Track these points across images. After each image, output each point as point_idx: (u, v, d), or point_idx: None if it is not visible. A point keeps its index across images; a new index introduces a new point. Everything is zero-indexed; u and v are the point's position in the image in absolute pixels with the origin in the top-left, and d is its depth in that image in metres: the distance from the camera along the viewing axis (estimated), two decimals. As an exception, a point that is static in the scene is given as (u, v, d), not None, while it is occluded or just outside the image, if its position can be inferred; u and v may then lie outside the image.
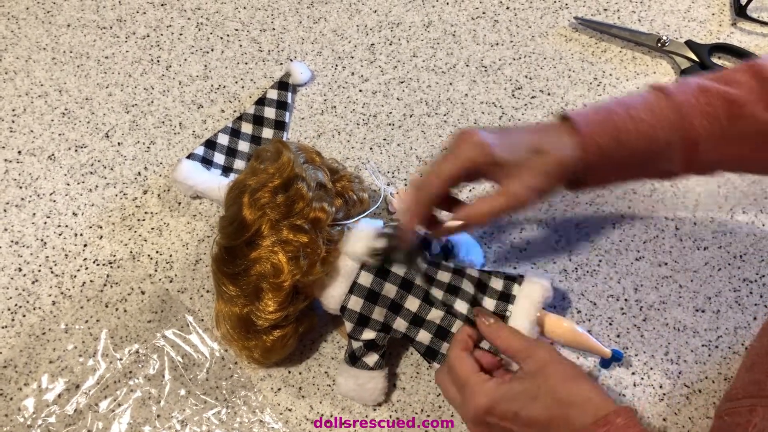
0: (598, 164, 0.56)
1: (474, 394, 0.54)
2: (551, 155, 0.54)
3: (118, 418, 0.64)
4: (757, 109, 0.55)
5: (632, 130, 0.55)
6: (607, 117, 0.55)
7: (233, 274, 0.60)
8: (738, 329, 0.68)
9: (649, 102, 0.56)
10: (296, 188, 0.60)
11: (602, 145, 0.55)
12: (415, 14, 0.87)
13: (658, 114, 0.55)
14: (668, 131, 0.55)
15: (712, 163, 0.58)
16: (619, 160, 0.56)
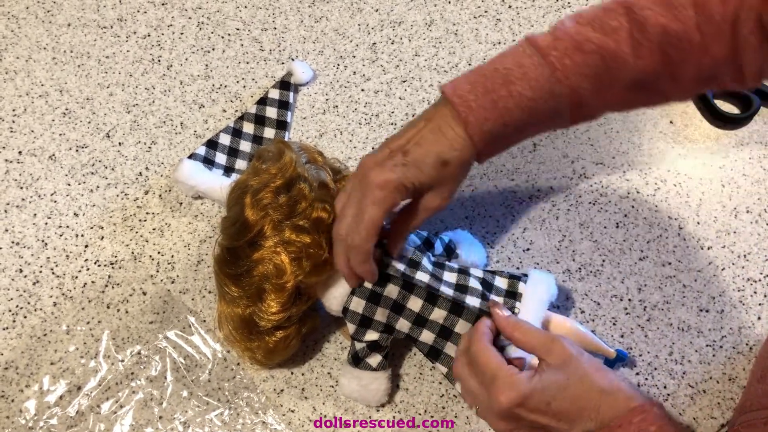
0: (488, 146, 0.57)
1: (504, 386, 0.53)
2: (455, 162, 0.56)
3: (120, 419, 0.64)
4: (630, 57, 0.55)
5: (515, 109, 0.55)
6: (491, 100, 0.55)
7: (236, 275, 0.60)
8: (742, 329, 0.67)
9: (528, 72, 0.55)
10: (298, 188, 0.60)
11: (490, 130, 0.55)
12: (416, 13, 0.87)
13: (538, 88, 0.55)
14: (552, 101, 0.55)
15: (596, 112, 0.59)
16: (507, 137, 0.57)
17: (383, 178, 0.54)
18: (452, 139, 0.55)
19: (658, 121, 0.79)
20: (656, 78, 0.56)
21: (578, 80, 0.55)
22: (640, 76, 0.56)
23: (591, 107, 0.57)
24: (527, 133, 0.58)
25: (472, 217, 0.73)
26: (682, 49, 0.54)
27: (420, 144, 0.56)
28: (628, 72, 0.55)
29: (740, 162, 0.77)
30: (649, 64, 0.55)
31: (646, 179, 0.75)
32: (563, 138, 0.78)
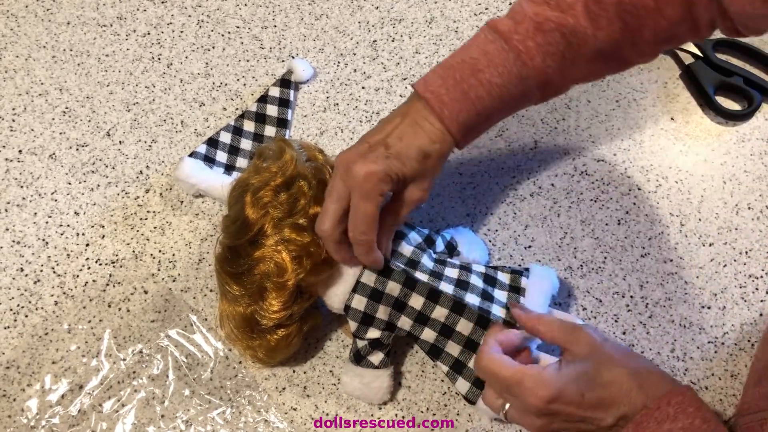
0: (466, 135, 0.58)
1: (535, 386, 0.52)
2: (436, 155, 0.58)
3: (122, 418, 0.63)
4: (590, 30, 0.56)
5: (486, 96, 0.57)
6: (462, 92, 0.56)
7: (237, 274, 0.60)
8: (744, 325, 0.67)
9: (493, 59, 0.56)
10: (298, 186, 0.60)
11: (464, 121, 0.57)
12: (417, 10, 0.87)
13: (506, 74, 0.56)
14: (520, 84, 0.57)
15: (564, 87, 0.61)
16: (482, 124, 0.59)
17: (368, 170, 0.55)
18: (431, 132, 0.57)
19: (659, 118, 0.79)
20: (617, 47, 0.57)
21: (543, 60, 0.56)
22: (601, 46, 0.57)
23: (558, 84, 0.59)
24: (501, 117, 0.60)
25: (473, 214, 0.73)
26: (638, 15, 0.56)
27: (401, 138, 0.57)
28: (589, 45, 0.57)
29: (741, 158, 0.76)
30: (608, 34, 0.56)
31: (647, 176, 0.75)
32: (564, 135, 0.78)
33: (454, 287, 0.60)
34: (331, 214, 0.57)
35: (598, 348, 0.54)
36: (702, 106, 0.80)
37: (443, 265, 0.62)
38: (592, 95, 0.80)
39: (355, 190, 0.56)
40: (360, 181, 0.55)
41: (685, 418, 0.50)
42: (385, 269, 0.60)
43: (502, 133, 0.78)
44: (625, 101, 0.80)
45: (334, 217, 0.57)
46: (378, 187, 0.55)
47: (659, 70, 0.82)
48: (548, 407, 0.52)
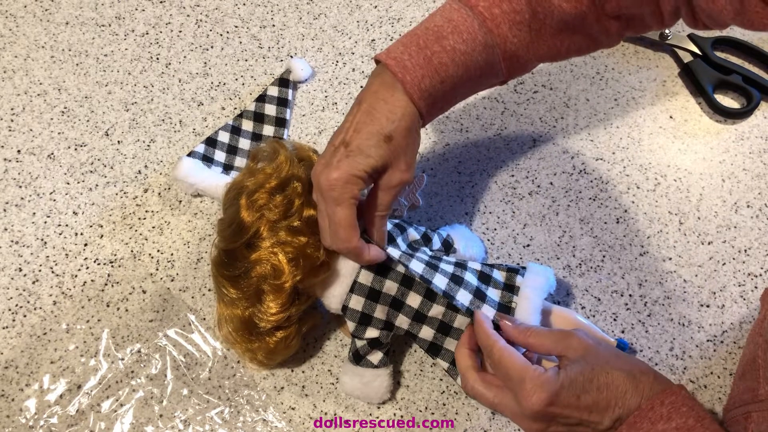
0: (429, 105, 0.56)
1: (534, 388, 0.52)
2: (399, 133, 0.55)
3: (120, 418, 0.63)
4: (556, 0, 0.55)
5: (450, 63, 0.55)
6: (425, 57, 0.55)
7: (233, 277, 0.60)
8: (743, 324, 0.67)
9: (458, 24, 0.55)
10: (293, 187, 0.59)
11: (427, 89, 0.55)
12: (415, 9, 0.87)
13: (471, 40, 0.55)
14: (485, 53, 0.55)
15: (530, 63, 0.59)
16: (446, 95, 0.57)
17: (331, 179, 0.54)
18: (388, 112, 0.54)
19: (658, 116, 0.79)
20: (582, 18, 0.56)
21: (508, 29, 0.55)
22: (566, 18, 0.56)
23: (523, 57, 0.58)
24: (465, 89, 0.58)
25: (471, 213, 0.73)
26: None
27: (358, 129, 0.55)
28: (555, 15, 0.56)
29: (740, 156, 0.76)
30: (574, 6, 0.55)
31: (646, 174, 0.75)
32: (563, 134, 0.78)
33: (447, 283, 0.60)
34: (324, 230, 0.57)
35: (592, 351, 0.54)
36: (701, 104, 0.80)
37: (438, 262, 0.62)
38: (590, 94, 0.80)
39: (326, 200, 0.55)
40: (326, 190, 0.54)
41: (678, 417, 0.50)
42: (382, 268, 0.60)
43: (501, 132, 0.78)
44: (623, 99, 0.80)
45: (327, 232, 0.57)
46: (345, 192, 0.54)
47: (658, 68, 0.82)
48: (546, 410, 0.52)
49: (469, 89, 0.59)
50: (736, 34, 0.84)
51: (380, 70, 0.56)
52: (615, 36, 0.60)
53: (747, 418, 0.56)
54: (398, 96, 0.54)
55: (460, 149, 0.77)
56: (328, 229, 0.56)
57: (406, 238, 0.63)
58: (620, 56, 0.82)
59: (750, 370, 0.59)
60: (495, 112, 0.79)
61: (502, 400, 0.55)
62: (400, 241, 0.62)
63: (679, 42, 0.82)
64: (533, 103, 0.80)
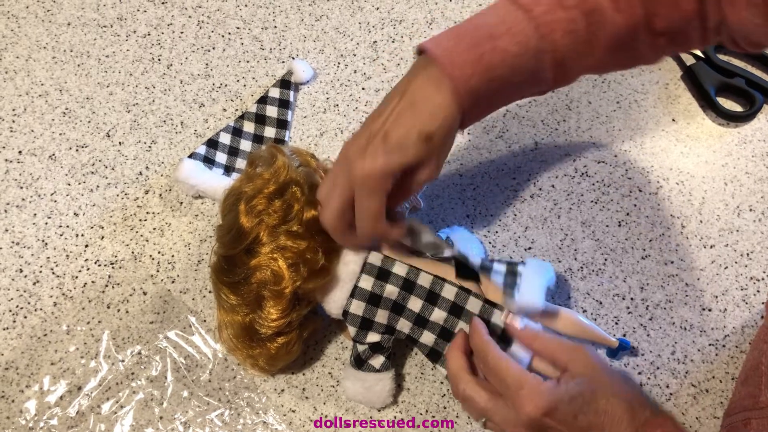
0: (473, 107, 0.54)
1: (532, 395, 0.51)
2: (440, 134, 0.53)
3: (120, 420, 0.63)
4: (610, 11, 0.54)
5: (500, 63, 0.53)
6: (476, 54, 0.53)
7: (233, 283, 0.60)
8: (745, 328, 0.67)
9: (511, 26, 0.53)
10: (291, 192, 0.59)
11: (476, 88, 0.53)
12: (417, 11, 0.87)
13: (523, 42, 0.53)
14: (535, 58, 0.54)
15: (575, 74, 0.58)
16: (491, 96, 0.55)
17: (367, 170, 0.52)
18: (432, 109, 0.52)
19: (660, 119, 0.79)
20: (634, 33, 0.55)
21: (561, 36, 0.53)
22: (618, 31, 0.54)
23: (571, 68, 0.56)
24: (509, 94, 0.56)
25: (473, 215, 0.73)
26: (655, 2, 0.54)
27: (398, 122, 0.53)
28: (607, 28, 0.54)
29: (743, 160, 0.76)
30: (627, 18, 0.54)
31: (648, 177, 0.75)
32: (565, 136, 0.77)
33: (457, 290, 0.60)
34: (334, 209, 0.56)
35: (597, 372, 0.54)
36: (703, 107, 0.80)
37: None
38: (593, 96, 0.80)
39: (357, 189, 0.54)
40: (361, 181, 0.53)
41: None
42: (383, 272, 0.60)
43: (503, 135, 0.78)
44: (626, 102, 0.80)
45: (338, 211, 0.56)
46: (380, 185, 0.53)
47: (660, 71, 0.82)
48: (541, 420, 0.51)
49: (511, 95, 0.57)
50: (739, 36, 0.83)
51: (426, 62, 0.53)
52: (659, 52, 0.59)
53: (747, 424, 0.56)
54: (444, 94, 0.52)
55: (461, 151, 0.77)
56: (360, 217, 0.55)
57: None
58: (623, 59, 0.82)
59: (752, 376, 0.59)
60: (497, 114, 0.79)
61: (495, 406, 0.54)
62: None
63: (682, 45, 0.82)
64: (535, 106, 0.79)
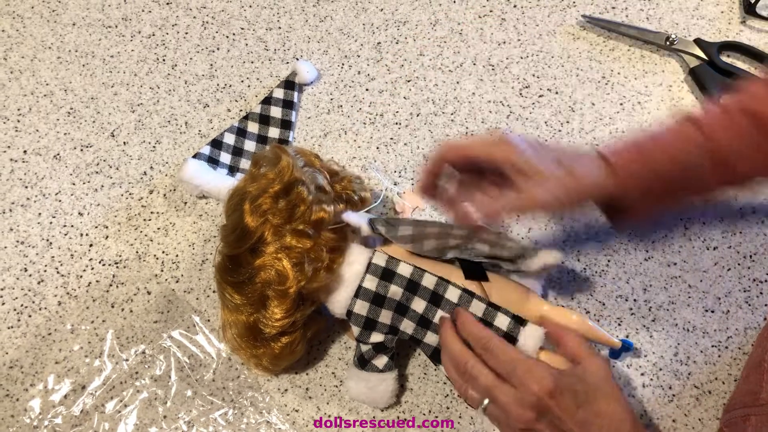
0: (632, 191, 0.57)
1: (540, 376, 0.52)
2: (576, 175, 0.56)
3: (124, 418, 0.64)
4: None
5: (660, 154, 0.57)
6: (634, 146, 0.58)
7: (238, 283, 0.60)
8: (748, 330, 0.67)
9: (674, 128, 0.58)
10: (297, 192, 0.59)
11: (633, 171, 0.57)
12: (421, 12, 0.87)
13: (684, 138, 0.57)
14: (696, 153, 0.57)
15: (746, 174, 0.60)
16: (652, 186, 0.58)
17: (514, 138, 0.57)
18: (587, 162, 0.57)
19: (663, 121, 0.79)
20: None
21: (725, 135, 0.57)
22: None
23: (739, 166, 0.58)
24: (673, 190, 0.59)
25: (476, 216, 0.73)
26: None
27: (556, 148, 0.58)
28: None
29: (746, 162, 0.76)
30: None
31: (651, 179, 0.75)
32: (568, 138, 0.78)
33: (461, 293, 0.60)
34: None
35: (606, 377, 0.54)
36: (707, 109, 0.80)
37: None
38: (596, 98, 0.80)
39: (488, 138, 0.58)
40: (500, 137, 0.57)
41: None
42: (387, 273, 0.60)
43: (506, 136, 0.78)
44: (629, 104, 0.80)
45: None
46: (507, 146, 0.56)
47: (664, 73, 0.82)
48: (546, 401, 0.52)
49: (675, 191, 0.60)
50: (742, 38, 0.84)
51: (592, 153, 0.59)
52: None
53: (746, 420, 0.56)
54: (601, 170, 0.57)
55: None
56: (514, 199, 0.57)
57: None
58: (626, 60, 0.82)
59: (754, 373, 0.59)
60: (500, 116, 0.79)
61: (500, 385, 0.54)
62: None
63: (685, 47, 0.82)
64: (539, 107, 0.80)
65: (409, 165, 0.76)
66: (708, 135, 0.57)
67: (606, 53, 0.83)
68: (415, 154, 0.77)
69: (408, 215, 0.73)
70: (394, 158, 0.77)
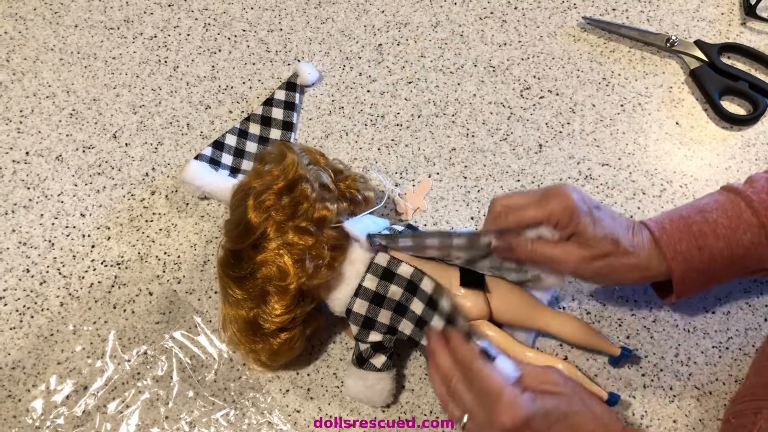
0: (683, 272, 0.57)
1: (509, 406, 0.52)
2: (629, 259, 0.57)
3: (126, 419, 0.64)
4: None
5: (711, 234, 0.57)
6: (684, 224, 0.57)
7: (239, 278, 0.60)
8: (749, 330, 0.67)
9: (724, 205, 0.58)
10: (301, 189, 0.60)
11: (683, 252, 0.57)
12: (422, 14, 0.87)
13: (735, 217, 0.57)
14: (749, 232, 0.57)
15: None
16: (704, 266, 0.58)
17: (572, 198, 0.56)
18: (639, 242, 0.57)
19: (664, 123, 0.79)
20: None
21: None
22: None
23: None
24: (728, 266, 0.58)
25: (477, 218, 0.73)
26: None
27: (612, 218, 0.58)
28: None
29: (747, 163, 0.76)
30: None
31: (652, 180, 0.75)
32: (569, 139, 0.78)
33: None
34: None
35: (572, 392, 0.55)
36: (707, 110, 0.80)
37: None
38: (597, 99, 0.80)
39: (546, 195, 0.57)
40: (559, 194, 0.57)
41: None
42: (387, 273, 0.60)
43: (507, 137, 0.78)
44: (629, 105, 0.80)
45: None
46: (565, 213, 0.56)
47: (664, 74, 0.82)
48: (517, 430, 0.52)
49: (732, 268, 0.59)
50: (742, 40, 0.84)
51: (642, 230, 0.59)
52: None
53: (757, 413, 0.56)
54: (653, 252, 0.57)
55: (466, 153, 0.77)
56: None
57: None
58: (627, 62, 0.83)
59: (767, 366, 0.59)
60: (501, 117, 0.79)
61: (475, 409, 0.54)
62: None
63: (686, 48, 0.82)
64: (539, 109, 0.80)
65: (410, 166, 0.76)
66: (758, 213, 0.56)
67: (606, 55, 0.83)
68: (416, 155, 0.77)
69: (409, 216, 0.73)
70: (396, 159, 0.77)
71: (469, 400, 0.55)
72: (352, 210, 0.64)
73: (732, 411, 0.59)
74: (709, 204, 0.58)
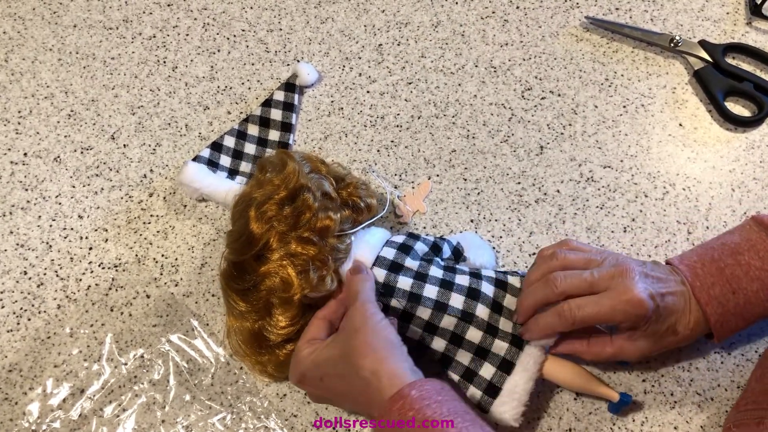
0: (719, 315, 0.57)
1: (293, 364, 0.57)
2: (679, 337, 0.58)
3: (122, 423, 0.63)
4: None
5: (744, 277, 0.56)
6: (717, 268, 0.57)
7: (243, 290, 0.60)
8: (751, 336, 0.66)
9: (755, 245, 0.57)
10: (303, 199, 0.59)
11: (718, 296, 0.56)
12: (423, 14, 0.86)
13: (766, 257, 0.56)
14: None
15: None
16: (740, 309, 0.57)
17: (636, 292, 0.55)
18: (688, 312, 0.57)
19: (667, 124, 0.78)
20: None
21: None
22: None
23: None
24: (763, 306, 0.58)
25: (477, 220, 0.73)
26: None
27: (673, 299, 0.57)
28: None
29: (751, 165, 0.75)
30: None
31: (654, 183, 0.74)
32: (570, 141, 0.77)
33: (465, 298, 0.60)
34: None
35: (349, 335, 0.54)
36: (711, 111, 0.79)
37: (453, 273, 0.62)
38: (599, 100, 0.79)
39: (612, 285, 0.56)
40: (626, 293, 0.55)
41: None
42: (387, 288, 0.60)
43: (508, 139, 0.77)
44: (632, 107, 0.79)
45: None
46: (629, 315, 0.55)
47: (668, 75, 0.81)
48: (299, 385, 0.58)
49: (763, 310, 0.58)
50: (748, 40, 0.83)
51: (674, 273, 0.59)
52: None
53: (760, 423, 0.55)
54: (693, 312, 0.57)
55: (466, 155, 0.76)
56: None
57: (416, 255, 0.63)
58: (630, 63, 0.82)
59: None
60: (502, 119, 0.78)
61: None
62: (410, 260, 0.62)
63: (690, 48, 0.81)
64: (541, 110, 0.79)
65: (410, 168, 0.76)
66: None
67: (609, 55, 0.82)
68: (416, 156, 0.76)
69: (408, 219, 0.72)
70: (395, 161, 0.76)
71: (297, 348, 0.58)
72: (355, 218, 0.64)
73: (733, 419, 0.59)
74: (740, 245, 0.58)
